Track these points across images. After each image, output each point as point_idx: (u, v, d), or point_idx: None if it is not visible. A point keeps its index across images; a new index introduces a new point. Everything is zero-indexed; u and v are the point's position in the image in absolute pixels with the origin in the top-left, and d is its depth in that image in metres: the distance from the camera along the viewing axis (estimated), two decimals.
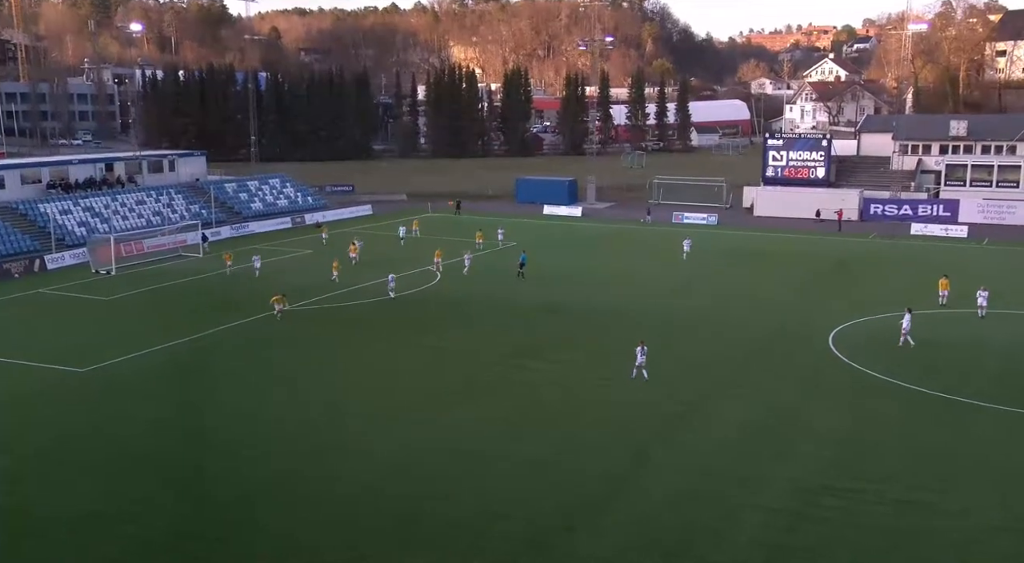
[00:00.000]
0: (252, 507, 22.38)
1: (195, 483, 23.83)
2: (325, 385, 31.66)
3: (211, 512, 22.17)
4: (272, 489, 23.33)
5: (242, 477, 24.08)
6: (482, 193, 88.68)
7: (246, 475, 24.15)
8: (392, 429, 27.33)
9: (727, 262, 55.13)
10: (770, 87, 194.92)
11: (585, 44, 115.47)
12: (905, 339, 35.18)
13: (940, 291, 42.74)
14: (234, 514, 22.07)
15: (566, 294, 45.24)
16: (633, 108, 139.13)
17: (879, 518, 21.41)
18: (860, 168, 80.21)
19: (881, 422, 27.69)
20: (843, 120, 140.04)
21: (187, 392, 31.12)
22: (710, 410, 28.96)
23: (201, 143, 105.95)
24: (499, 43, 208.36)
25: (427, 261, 52.48)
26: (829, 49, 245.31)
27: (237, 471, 24.42)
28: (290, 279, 49.04)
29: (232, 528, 21.36)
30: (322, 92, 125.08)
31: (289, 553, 20.15)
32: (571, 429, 27.20)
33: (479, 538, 20.63)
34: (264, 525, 21.43)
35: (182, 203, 68.23)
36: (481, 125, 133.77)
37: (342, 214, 75.86)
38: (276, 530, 21.15)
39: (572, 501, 22.39)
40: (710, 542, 20.40)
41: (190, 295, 46.82)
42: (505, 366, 33.55)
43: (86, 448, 26.15)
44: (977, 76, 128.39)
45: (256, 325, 40.01)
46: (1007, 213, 69.40)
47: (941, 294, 42.58)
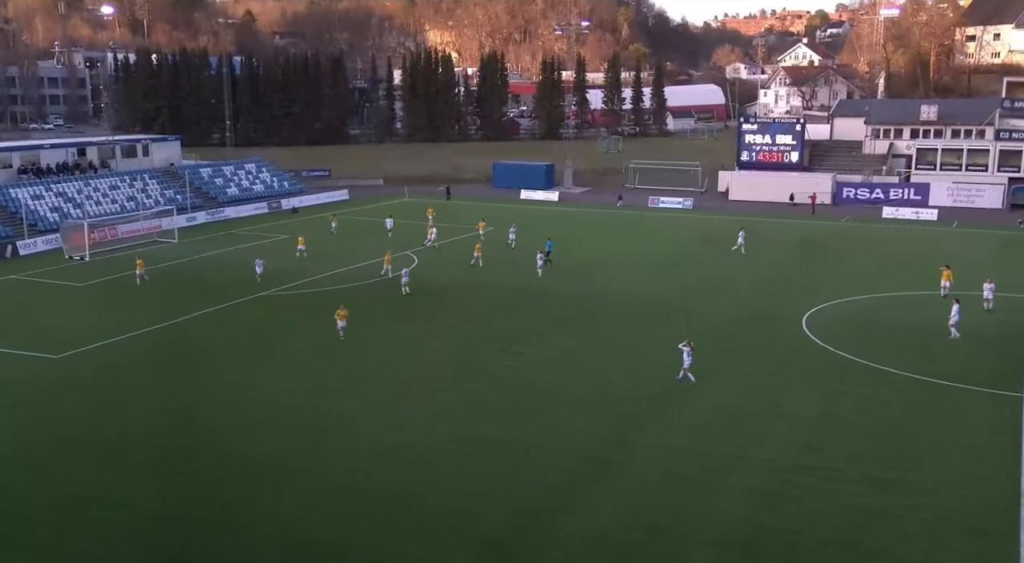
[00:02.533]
0: (235, 491, 22.48)
1: (176, 467, 23.86)
2: (309, 370, 31.68)
3: (193, 495, 22.24)
4: (257, 473, 23.42)
5: (225, 461, 24.16)
6: (459, 177, 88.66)
7: (228, 459, 24.24)
8: (379, 413, 27.50)
9: (702, 245, 55.69)
10: (744, 72, 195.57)
11: (561, 28, 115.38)
12: (953, 332, 34.41)
13: (942, 281, 40.94)
14: (217, 498, 22.15)
15: (546, 279, 45.47)
16: (609, 93, 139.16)
17: (853, 496, 21.89)
18: (833, 152, 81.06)
19: (854, 403, 28.20)
20: (816, 105, 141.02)
21: (165, 377, 31.07)
22: (689, 391, 29.36)
23: (175, 128, 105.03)
24: (475, 27, 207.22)
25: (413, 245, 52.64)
26: (803, 34, 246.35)
27: (219, 456, 24.49)
28: (269, 264, 49.00)
29: (216, 511, 21.45)
30: (297, 76, 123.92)
31: (275, 537, 20.29)
32: (555, 412, 27.54)
33: (466, 520, 20.92)
34: (249, 509, 21.53)
35: (156, 188, 67.74)
36: (457, 109, 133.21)
37: (319, 199, 75.64)
38: (261, 514, 21.27)
39: (555, 483, 22.76)
40: (690, 521, 20.85)
41: (166, 281, 46.57)
42: (490, 351, 33.78)
43: (62, 434, 26.13)
44: (947, 61, 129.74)
45: (235, 310, 39.98)
46: (976, 196, 70.52)
47: (943, 285, 40.79)
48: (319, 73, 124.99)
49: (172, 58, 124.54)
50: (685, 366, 29.43)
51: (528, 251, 49.14)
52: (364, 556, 19.56)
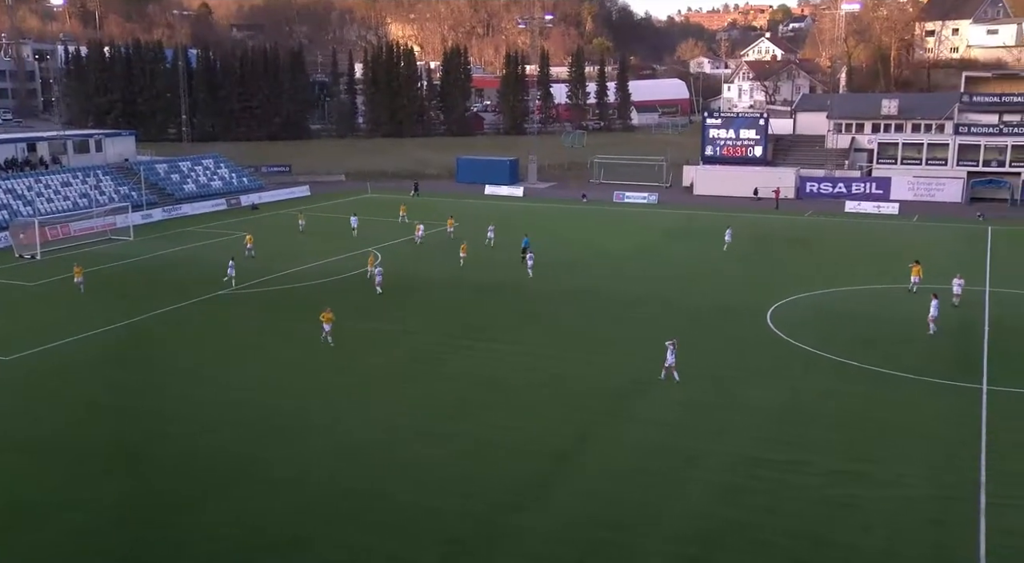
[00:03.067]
0: (192, 490, 22.02)
1: (133, 469, 23.28)
2: (270, 367, 31.09)
3: (151, 498, 21.70)
4: (214, 472, 22.99)
5: (183, 462, 23.64)
6: (423, 173, 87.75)
7: (186, 460, 23.71)
8: (342, 410, 27.14)
9: (667, 240, 55.49)
10: (708, 66, 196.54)
11: (524, 22, 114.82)
12: (932, 326, 34.23)
13: (912, 277, 40.69)
14: (174, 498, 21.64)
15: (510, 275, 44.99)
16: (573, 87, 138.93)
17: (815, 489, 21.93)
18: (796, 147, 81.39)
19: (817, 395, 28.24)
20: (779, 99, 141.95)
21: (121, 377, 30.30)
22: (652, 386, 29.15)
23: (129, 122, 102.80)
24: (437, 20, 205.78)
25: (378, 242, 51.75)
26: (765, 28, 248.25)
27: (177, 457, 23.96)
28: (226, 261, 47.97)
29: (172, 512, 20.95)
30: (256, 70, 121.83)
31: (234, 536, 19.86)
32: (520, 408, 27.32)
33: (429, 517, 20.63)
34: (207, 509, 21.10)
35: (111, 185, 66.05)
36: (420, 104, 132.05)
37: (279, 195, 74.32)
38: (219, 514, 20.88)
39: (519, 479, 22.55)
40: (654, 516, 20.74)
41: (122, 279, 45.44)
42: (456, 347, 33.43)
43: (17, 437, 25.34)
44: (907, 55, 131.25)
45: (193, 309, 39.09)
46: (936, 190, 71.20)
47: (912, 281, 40.57)
48: (278, 67, 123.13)
49: (125, 51, 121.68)
50: (668, 363, 29.03)
51: (508, 249, 48.81)
52: (326, 554, 19.22)
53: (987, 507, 20.86)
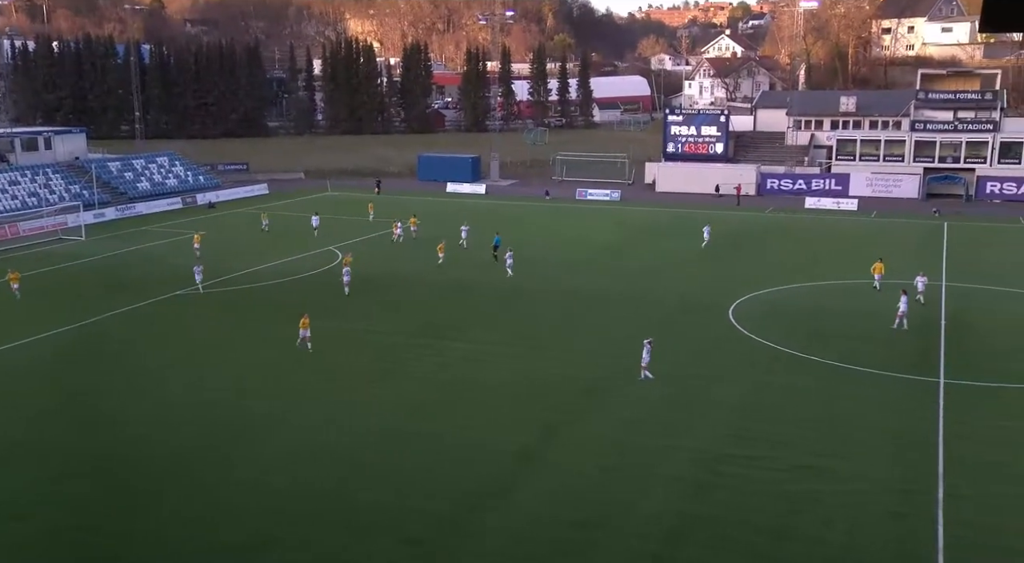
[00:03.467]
0: (152, 495, 21.50)
1: (89, 472, 22.68)
2: (228, 369, 30.50)
3: (108, 501, 21.18)
4: (173, 476, 22.46)
5: (140, 465, 23.12)
6: (383, 170, 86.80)
7: (144, 463, 23.22)
8: (301, 411, 26.66)
9: (629, 237, 55.34)
10: (669, 63, 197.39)
11: (485, 18, 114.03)
12: (900, 321, 34.20)
13: (875, 275, 40.48)
14: (132, 502, 21.10)
15: (475, 272, 44.52)
16: (535, 84, 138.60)
17: (778, 484, 22.01)
18: (757, 143, 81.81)
19: (779, 391, 28.34)
20: (740, 96, 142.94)
21: (76, 380, 29.53)
22: (615, 383, 29.07)
23: (80, 119, 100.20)
24: (397, 16, 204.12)
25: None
26: (725, 25, 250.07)
27: (134, 459, 23.44)
28: (187, 261, 46.90)
29: (131, 517, 20.44)
30: (211, 66, 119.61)
31: (194, 539, 19.46)
32: (485, 406, 27.11)
33: (393, 518, 20.38)
34: (166, 513, 20.64)
35: (61, 183, 64.34)
36: (380, 101, 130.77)
37: (237, 194, 72.99)
38: (179, 517, 20.44)
39: (483, 478, 22.38)
40: (618, 513, 20.62)
41: (75, 280, 44.32)
42: (418, 345, 32.99)
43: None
44: (865, 53, 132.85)
45: (150, 309, 38.23)
46: (893, 186, 71.96)
47: (876, 278, 40.36)
48: (234, 63, 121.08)
49: (75, 46, 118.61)
50: (643, 363, 28.68)
51: (481, 248, 48.18)
52: (288, 555, 18.94)
53: (945, 499, 21.10)
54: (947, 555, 18.81)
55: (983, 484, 21.97)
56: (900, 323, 34.35)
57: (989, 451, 23.85)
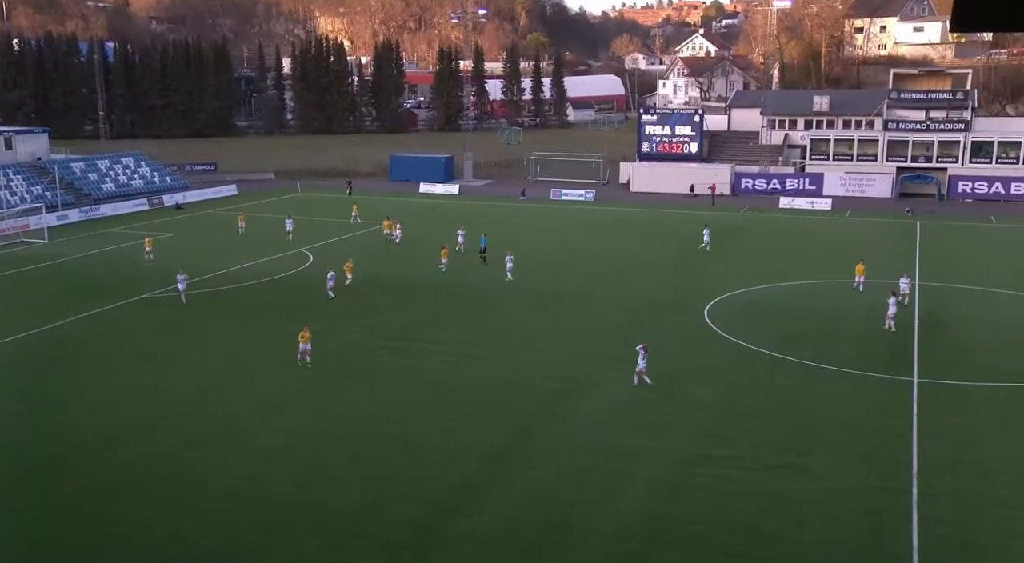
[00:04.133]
0: (118, 503, 20.89)
1: (53, 481, 21.99)
2: (197, 373, 29.76)
3: (63, 512, 20.48)
4: (140, 483, 21.87)
5: (106, 472, 22.46)
6: (355, 170, 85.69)
7: (111, 470, 22.56)
8: (272, 416, 26.12)
9: (604, 238, 54.82)
10: (643, 62, 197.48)
11: (457, 16, 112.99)
12: (890, 323, 34.05)
13: (856, 277, 40.05)
14: (89, 512, 20.46)
15: (446, 273, 43.82)
16: (508, 83, 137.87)
17: (753, 483, 21.95)
18: (731, 143, 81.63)
19: (755, 391, 28.25)
20: (714, 95, 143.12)
21: (41, 385, 28.73)
22: (590, 384, 28.83)
23: (41, 119, 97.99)
24: (368, 14, 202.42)
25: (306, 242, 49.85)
26: (699, 24, 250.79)
27: (101, 466, 22.76)
28: (147, 264, 45.81)
29: (88, 528, 19.82)
30: (177, 64, 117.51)
31: (160, 548, 18.86)
32: (454, 409, 26.73)
33: (365, 523, 20.12)
34: (132, 521, 20.00)
35: (22, 184, 62.69)
36: (351, 100, 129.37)
37: (205, 194, 71.57)
38: (145, 526, 19.84)
39: (456, 481, 22.14)
40: (593, 514, 20.45)
41: (37, 284, 43.22)
42: (387, 348, 32.46)
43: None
44: (837, 52, 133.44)
45: (118, 312, 37.32)
46: (867, 186, 72.01)
47: (857, 280, 39.91)
48: (202, 61, 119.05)
49: (36, 44, 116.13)
50: (639, 369, 28.18)
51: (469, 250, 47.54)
52: (256, 558, 18.62)
53: (919, 497, 21.12)
54: (922, 552, 18.81)
55: (957, 481, 22.01)
56: (890, 324, 34.14)
57: (963, 448, 23.96)
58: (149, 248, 47.63)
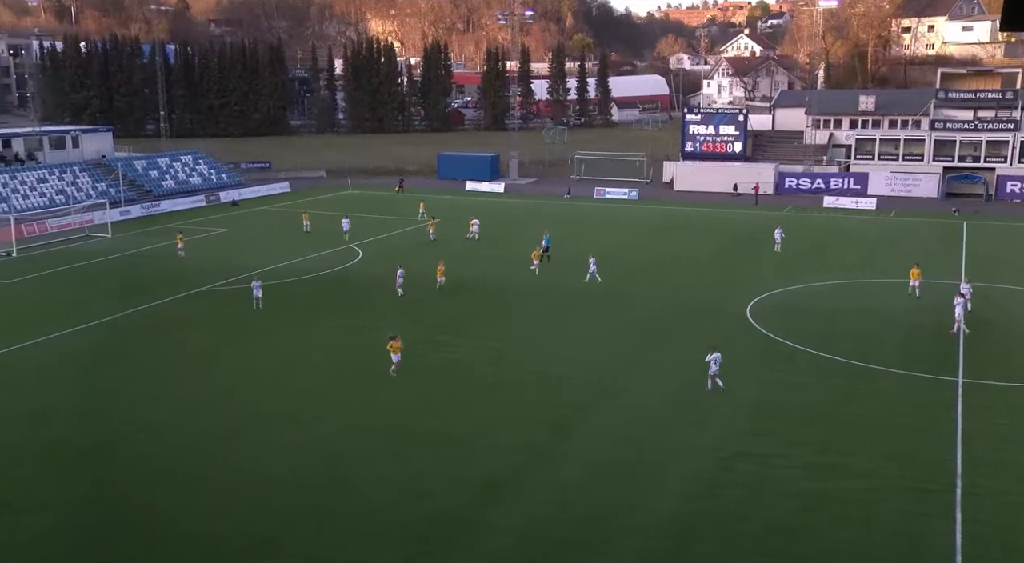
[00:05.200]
0: (157, 496, 21.52)
1: (98, 471, 22.85)
2: (243, 366, 30.74)
3: (108, 500, 21.29)
4: (176, 474, 22.54)
5: (143, 462, 23.23)
6: (403, 169, 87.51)
7: (153, 463, 23.27)
8: (310, 410, 26.71)
9: (648, 236, 55.66)
10: (688, 62, 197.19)
11: (505, 18, 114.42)
12: (959, 325, 33.57)
13: (911, 281, 39.07)
14: (134, 501, 21.22)
15: (484, 271, 44.85)
16: (554, 83, 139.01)
17: (791, 481, 21.95)
18: (775, 142, 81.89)
19: (793, 389, 28.25)
20: (759, 95, 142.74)
21: (97, 376, 29.88)
22: (630, 380, 29.14)
23: (106, 118, 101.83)
24: (418, 16, 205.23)
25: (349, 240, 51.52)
26: (744, 24, 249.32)
27: (144, 457, 23.54)
28: (204, 259, 47.79)
29: (133, 515, 20.55)
30: (234, 65, 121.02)
31: (198, 538, 19.48)
32: (492, 404, 27.07)
33: (400, 518, 20.34)
34: (171, 515, 20.61)
35: (88, 181, 65.44)
36: (401, 100, 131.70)
37: (259, 191, 73.92)
38: (183, 520, 20.35)
39: (493, 476, 22.30)
40: (630, 511, 20.57)
41: (99, 277, 45.00)
42: (425, 343, 33.03)
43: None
44: (884, 52, 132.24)
45: (171, 306, 38.72)
46: (912, 185, 71.87)
47: (912, 284, 39.00)
48: (257, 62, 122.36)
49: (102, 46, 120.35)
50: (711, 372, 27.71)
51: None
52: (291, 554, 18.87)
53: (963, 498, 20.97)
54: (965, 553, 18.66)
55: (1001, 483, 21.79)
56: (958, 327, 33.65)
57: (1008, 450, 23.74)
58: (181, 245, 49.02)
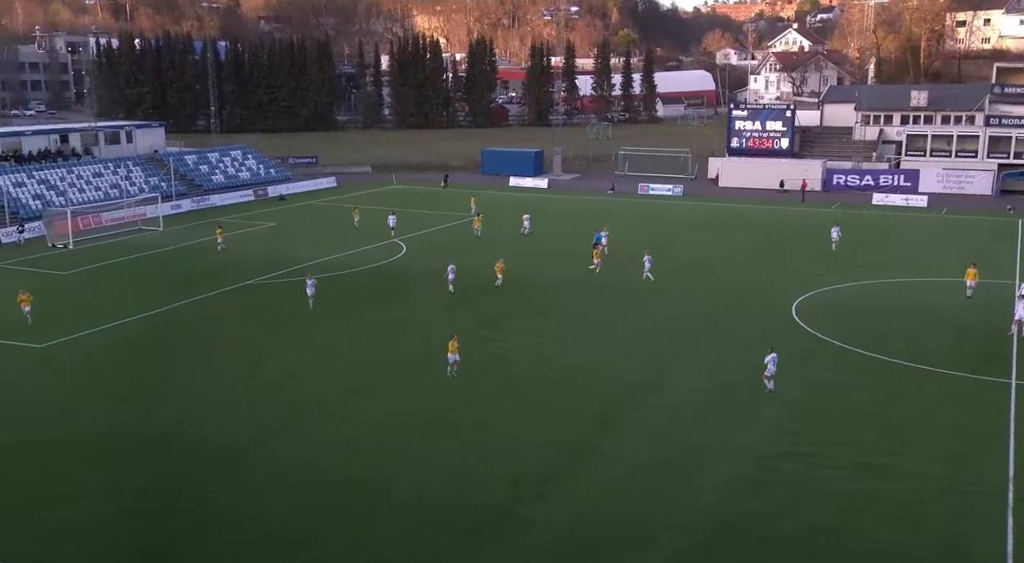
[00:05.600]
0: (204, 481, 22.09)
1: (150, 458, 23.45)
2: (289, 359, 31.26)
3: (161, 487, 21.81)
4: (229, 464, 23.04)
5: (195, 451, 23.78)
6: (447, 164, 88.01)
7: (202, 450, 23.85)
8: (354, 402, 27.13)
9: (692, 232, 55.36)
10: (735, 57, 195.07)
11: (550, 13, 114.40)
12: (1018, 328, 32.58)
13: (967, 282, 38.18)
14: (186, 489, 21.74)
15: (528, 266, 44.96)
16: (598, 78, 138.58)
17: (836, 482, 21.74)
18: (823, 138, 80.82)
19: (841, 389, 27.96)
20: (807, 91, 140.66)
21: (147, 367, 30.65)
22: (672, 377, 29.14)
23: (159, 114, 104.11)
24: (463, 12, 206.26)
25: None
26: (793, 19, 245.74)
27: (194, 446, 24.11)
28: (252, 252, 48.65)
29: (184, 503, 21.05)
30: (283, 62, 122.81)
31: (245, 527, 19.92)
32: (534, 399, 27.23)
33: (443, 508, 20.58)
34: (223, 500, 21.14)
35: (141, 175, 66.92)
36: (446, 95, 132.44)
37: (306, 186, 74.91)
38: (231, 505, 20.87)
39: (534, 471, 22.45)
40: (670, 508, 20.61)
41: (151, 269, 46.08)
42: (469, 338, 33.04)
43: (42, 424, 25.72)
44: (937, 46, 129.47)
45: (220, 299, 39.51)
46: (965, 183, 70.41)
47: (969, 285, 38.11)
48: (305, 59, 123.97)
49: (156, 43, 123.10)
50: (767, 373, 27.28)
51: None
52: (337, 545, 19.16)
53: (1014, 502, 20.59)
54: (1017, 559, 18.35)
55: None
56: (1016, 329, 32.80)
57: None
58: (221, 239, 49.80)
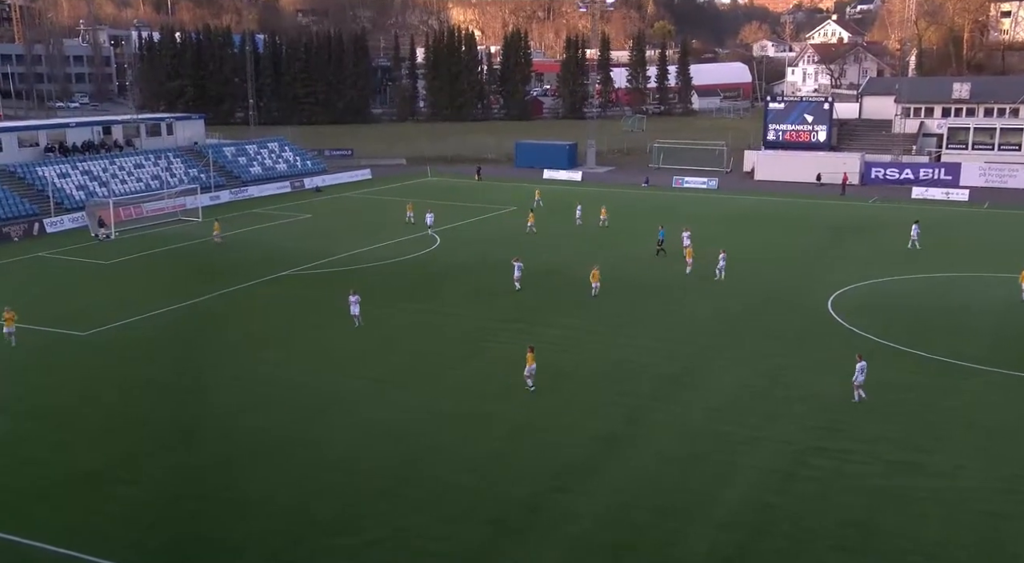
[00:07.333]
0: (242, 468, 22.46)
1: (190, 445, 23.92)
2: (322, 349, 31.63)
3: (200, 473, 22.26)
4: (265, 451, 23.36)
5: (232, 438, 24.21)
6: (482, 157, 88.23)
7: (239, 438, 24.24)
8: (388, 392, 27.40)
9: (727, 226, 54.98)
10: (772, 49, 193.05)
11: (585, 6, 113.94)
12: None
13: (1022, 284, 37.01)
14: (224, 475, 22.14)
15: (562, 258, 45.08)
16: (634, 71, 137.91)
17: (869, 478, 21.63)
18: (862, 131, 79.73)
19: (877, 385, 27.53)
20: (845, 83, 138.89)
21: (187, 355, 31.22)
22: (706, 372, 29.07)
23: (198, 106, 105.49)
24: (498, 5, 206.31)
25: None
26: (832, 10, 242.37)
27: (231, 434, 24.53)
28: (291, 243, 49.21)
29: (222, 488, 21.45)
30: (320, 55, 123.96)
31: (281, 513, 20.22)
32: (567, 391, 27.31)
33: (474, 498, 20.75)
34: (254, 486, 21.47)
35: (180, 167, 67.93)
36: (480, 88, 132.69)
37: (341, 178, 75.57)
38: (267, 492, 21.18)
39: (566, 462, 22.55)
40: (702, 501, 20.61)
41: (190, 259, 46.84)
42: (501, 330, 33.48)
43: (86, 410, 26.33)
44: (981, 37, 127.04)
45: (256, 289, 40.06)
46: (1008, 176, 69.15)
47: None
48: (341, 52, 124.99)
49: (196, 36, 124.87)
50: (857, 382, 26.39)
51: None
52: (372, 532, 19.39)
53: None
54: None
55: None
56: None
57: None
58: (217, 231, 50.29)
